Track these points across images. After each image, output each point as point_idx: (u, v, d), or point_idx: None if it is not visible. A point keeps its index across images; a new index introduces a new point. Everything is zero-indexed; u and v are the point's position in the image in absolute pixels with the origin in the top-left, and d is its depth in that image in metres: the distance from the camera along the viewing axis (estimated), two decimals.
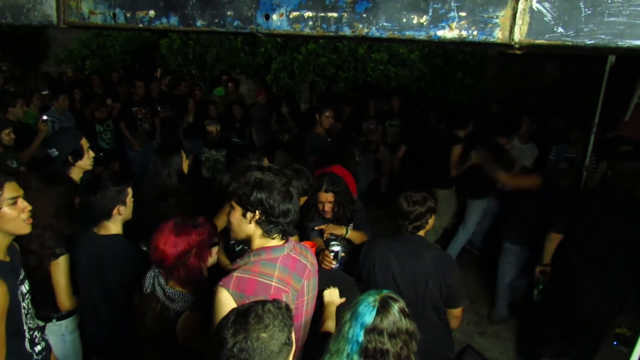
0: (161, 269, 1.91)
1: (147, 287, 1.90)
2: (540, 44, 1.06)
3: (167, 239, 1.87)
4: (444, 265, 2.58)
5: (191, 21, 1.59)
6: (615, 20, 0.98)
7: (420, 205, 2.63)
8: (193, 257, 1.91)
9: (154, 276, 1.91)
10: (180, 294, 1.90)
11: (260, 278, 1.72)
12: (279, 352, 1.30)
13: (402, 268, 2.59)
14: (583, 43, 1.01)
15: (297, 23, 1.37)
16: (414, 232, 2.65)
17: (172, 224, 1.91)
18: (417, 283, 2.56)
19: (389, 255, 2.64)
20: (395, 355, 1.52)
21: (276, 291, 1.72)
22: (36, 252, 2.35)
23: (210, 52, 8.04)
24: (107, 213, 2.34)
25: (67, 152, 2.92)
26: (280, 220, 1.74)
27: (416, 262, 2.58)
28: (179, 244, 1.87)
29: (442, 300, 2.59)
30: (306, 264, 1.91)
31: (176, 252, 1.86)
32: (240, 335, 1.26)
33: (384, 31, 1.23)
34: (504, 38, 1.08)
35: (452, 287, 2.56)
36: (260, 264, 1.76)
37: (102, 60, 10.17)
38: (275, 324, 1.31)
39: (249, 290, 1.68)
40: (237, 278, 1.71)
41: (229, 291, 1.67)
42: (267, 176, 1.73)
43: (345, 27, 1.29)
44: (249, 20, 1.47)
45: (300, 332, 1.94)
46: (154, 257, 1.88)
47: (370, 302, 1.59)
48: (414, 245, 2.65)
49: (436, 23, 1.15)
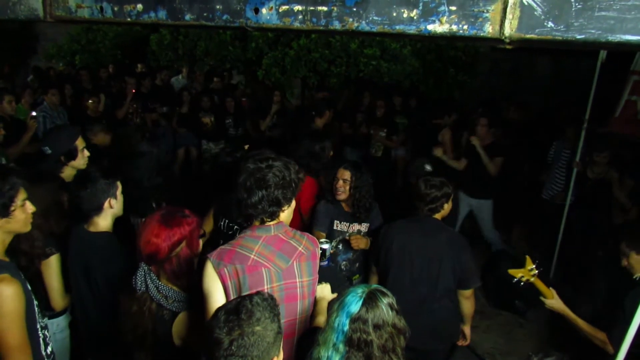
0: (154, 263, 1.89)
1: (140, 286, 1.88)
2: (531, 38, 1.05)
3: (159, 231, 1.85)
4: (459, 245, 2.73)
5: (180, 15, 1.57)
6: (605, 15, 0.98)
7: (437, 189, 2.77)
8: (185, 248, 1.91)
9: (144, 274, 1.88)
10: (174, 292, 1.89)
11: (239, 249, 1.86)
12: (274, 341, 1.34)
13: (418, 248, 2.72)
14: (573, 38, 1.00)
15: (286, 17, 1.36)
16: (429, 215, 2.79)
17: (159, 216, 1.90)
18: (432, 262, 2.68)
19: (405, 236, 2.78)
20: (379, 346, 1.52)
21: (254, 263, 1.84)
22: (26, 252, 2.32)
23: (199, 46, 7.96)
24: (99, 207, 2.32)
25: (60, 151, 2.88)
26: (250, 211, 1.88)
27: (431, 242, 2.72)
28: (172, 235, 1.86)
29: (454, 281, 2.71)
30: (297, 247, 1.95)
31: (170, 243, 1.85)
32: (236, 332, 1.28)
33: (374, 25, 1.22)
34: (494, 32, 1.07)
35: (465, 267, 2.68)
36: (243, 238, 1.90)
37: (91, 56, 10.04)
38: (266, 315, 1.35)
39: (227, 258, 1.83)
40: (220, 249, 1.88)
41: (210, 259, 1.83)
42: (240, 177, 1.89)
43: (335, 21, 1.28)
44: (238, 14, 1.45)
45: (296, 316, 1.99)
46: (147, 251, 1.86)
47: (358, 293, 1.60)
48: (430, 227, 2.79)
49: (426, 17, 1.15)
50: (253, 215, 1.90)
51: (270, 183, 1.85)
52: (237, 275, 1.81)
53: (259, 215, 1.89)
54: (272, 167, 1.87)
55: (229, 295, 1.81)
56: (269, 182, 1.85)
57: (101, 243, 2.31)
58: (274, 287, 1.87)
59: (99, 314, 2.34)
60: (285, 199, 1.90)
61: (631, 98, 4.35)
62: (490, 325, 4.43)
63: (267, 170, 1.86)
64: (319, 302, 2.18)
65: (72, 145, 2.89)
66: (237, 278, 1.81)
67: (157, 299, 1.86)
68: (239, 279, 1.81)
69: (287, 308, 1.93)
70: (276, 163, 1.90)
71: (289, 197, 1.93)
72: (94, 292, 2.32)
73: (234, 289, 1.82)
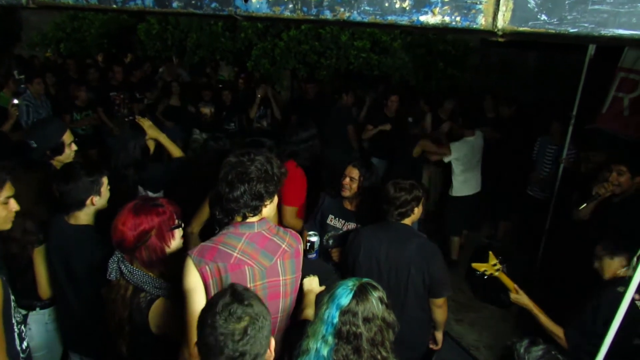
0: (123, 251, 1.88)
1: (111, 273, 1.87)
2: (524, 31, 1.04)
3: (127, 218, 1.84)
4: (428, 254, 2.59)
5: (167, 2, 1.53)
6: (598, 9, 0.97)
7: (407, 193, 2.63)
8: (154, 238, 1.88)
9: (117, 261, 1.87)
10: (149, 277, 1.88)
11: (222, 247, 1.83)
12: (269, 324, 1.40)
13: (387, 255, 2.60)
14: (566, 31, 0.99)
15: (276, 6, 1.32)
16: (398, 219, 2.65)
17: (132, 204, 1.88)
18: (400, 271, 2.57)
19: (374, 242, 2.65)
20: (368, 339, 1.53)
21: (237, 261, 1.81)
22: (18, 240, 2.30)
23: (191, 37, 7.85)
24: (80, 203, 2.29)
25: (46, 146, 2.79)
26: (232, 205, 1.85)
27: (400, 250, 2.58)
28: (138, 224, 1.83)
29: (424, 289, 2.60)
30: (280, 244, 1.93)
31: (136, 233, 1.83)
32: (245, 319, 1.32)
33: (366, 15, 1.20)
34: (487, 25, 1.06)
35: (435, 276, 2.57)
36: (226, 235, 1.87)
37: (77, 44, 9.85)
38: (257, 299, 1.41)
39: (208, 256, 1.79)
40: (202, 246, 1.84)
41: (191, 256, 1.79)
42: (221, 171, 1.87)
43: (327, 11, 1.25)
44: (227, 2, 1.41)
45: (278, 314, 1.96)
46: (114, 238, 1.85)
47: (349, 286, 1.59)
48: (399, 234, 2.65)
49: (419, 8, 1.13)
50: (235, 210, 1.86)
51: (253, 176, 1.83)
52: (219, 274, 1.78)
53: (240, 210, 1.86)
54: (255, 161, 1.85)
55: (210, 294, 1.78)
56: (251, 175, 1.82)
57: (81, 236, 2.28)
58: (257, 286, 1.85)
59: (78, 306, 2.32)
60: (267, 193, 1.88)
61: (618, 94, 4.38)
62: (475, 319, 4.48)
63: (249, 163, 1.84)
64: (307, 294, 2.18)
65: (59, 140, 2.81)
66: (219, 276, 1.78)
67: (135, 284, 1.84)
68: (221, 277, 1.78)
69: (269, 306, 1.90)
70: (258, 157, 1.87)
71: (272, 191, 1.90)
72: (74, 284, 2.29)
73: (215, 288, 1.79)
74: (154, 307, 1.82)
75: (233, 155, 1.90)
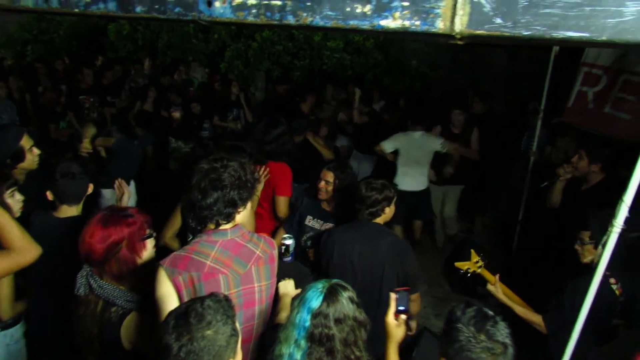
0: (91, 264, 1.82)
1: (79, 289, 1.81)
2: (481, 34, 1.07)
3: (95, 231, 1.78)
4: (401, 251, 2.63)
5: (130, 7, 1.51)
6: (550, 12, 1.00)
7: (378, 192, 2.66)
8: (124, 249, 1.82)
9: (86, 276, 1.82)
10: (120, 291, 1.82)
11: (194, 255, 1.79)
12: (226, 345, 1.30)
13: (360, 255, 2.62)
14: (520, 34, 1.02)
15: (240, 11, 1.33)
16: (369, 219, 2.68)
17: (100, 215, 1.83)
18: (374, 269, 2.60)
19: (347, 242, 2.66)
20: (341, 340, 1.54)
21: (210, 270, 1.78)
22: None
23: (162, 38, 7.74)
24: (81, 196, 2.50)
25: (5, 155, 2.70)
26: (205, 213, 1.82)
27: (373, 248, 2.61)
28: (107, 236, 1.78)
29: (398, 286, 2.62)
30: (254, 251, 1.92)
31: (105, 245, 1.77)
32: (185, 337, 1.24)
33: (328, 20, 1.21)
34: (445, 28, 1.08)
35: (409, 273, 2.61)
36: (199, 244, 1.83)
37: (45, 46, 9.57)
38: (218, 319, 1.30)
39: (181, 266, 1.75)
40: (174, 255, 1.80)
41: (163, 267, 1.75)
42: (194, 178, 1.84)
43: (289, 16, 1.26)
44: (190, 7, 1.41)
45: (254, 321, 1.95)
46: (82, 251, 1.79)
47: (319, 289, 1.60)
48: (372, 233, 2.67)
49: (379, 12, 1.14)
50: (208, 218, 1.83)
51: (226, 183, 1.80)
52: (192, 283, 1.75)
53: (214, 217, 1.83)
54: (228, 167, 1.83)
55: None
56: (225, 182, 1.80)
57: (73, 226, 2.24)
58: (232, 294, 1.82)
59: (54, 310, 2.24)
60: (241, 200, 1.85)
61: (582, 89, 4.51)
62: None
63: (222, 170, 1.81)
64: (282, 298, 2.18)
65: (17, 145, 2.71)
66: (192, 286, 1.75)
67: (105, 298, 1.79)
68: (195, 287, 1.75)
69: (245, 314, 1.90)
70: (231, 163, 1.85)
71: (245, 197, 1.88)
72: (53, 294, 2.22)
73: (188, 297, 1.75)
74: (126, 322, 1.77)
75: (206, 162, 1.86)
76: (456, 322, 1.52)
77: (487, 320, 1.50)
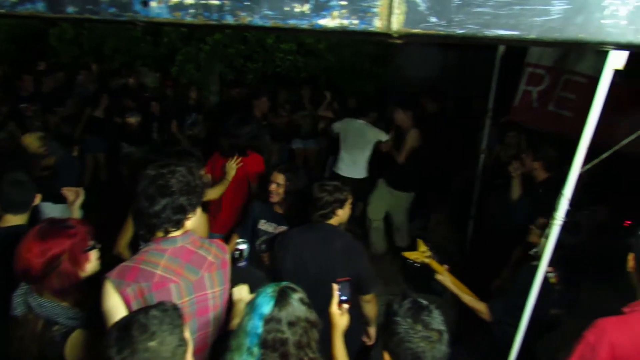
0: (30, 281, 1.71)
1: (16, 309, 1.70)
2: (417, 33, 1.08)
3: (32, 245, 1.69)
4: (353, 253, 2.64)
5: (60, 7, 1.43)
6: (482, 11, 1.02)
7: (329, 194, 2.66)
8: (66, 263, 1.74)
9: (24, 294, 1.71)
10: (62, 308, 1.73)
11: (143, 266, 1.73)
12: (172, 356, 1.26)
13: (313, 256, 2.61)
14: (454, 33, 1.04)
15: (177, 11, 1.29)
16: (321, 220, 2.68)
17: (37, 228, 1.74)
18: (327, 271, 2.58)
19: (300, 244, 2.65)
20: (295, 343, 1.53)
21: (161, 279, 1.73)
22: None
23: (108, 42, 7.45)
24: (27, 205, 2.43)
25: None
26: (153, 221, 1.77)
27: (326, 250, 2.61)
28: (46, 249, 1.69)
29: (352, 288, 2.63)
30: (206, 257, 1.87)
31: (44, 260, 1.68)
32: (126, 350, 1.19)
33: (268, 20, 1.19)
34: (382, 27, 1.09)
35: (362, 274, 2.61)
36: (147, 253, 1.78)
37: None
38: (164, 329, 1.26)
39: (129, 277, 1.69)
40: (121, 267, 1.74)
41: (110, 279, 1.69)
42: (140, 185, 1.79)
43: (228, 16, 1.23)
44: (125, 7, 1.35)
45: (208, 328, 1.91)
46: (17, 268, 1.68)
47: (269, 293, 1.58)
48: (325, 234, 2.67)
49: (318, 12, 1.14)
50: (156, 225, 1.77)
51: (174, 189, 1.75)
52: (142, 294, 1.68)
53: (162, 225, 1.77)
54: (175, 173, 1.77)
55: None
56: (173, 188, 1.75)
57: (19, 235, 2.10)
58: (184, 303, 1.77)
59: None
60: (190, 206, 1.81)
61: (527, 88, 4.70)
62: None
63: (169, 175, 1.76)
64: (236, 304, 2.13)
65: None
66: (142, 297, 1.68)
67: (45, 317, 1.69)
68: (145, 298, 1.68)
69: (199, 321, 1.85)
70: (179, 168, 1.79)
71: (194, 203, 1.83)
72: None
73: None
74: (70, 340, 1.69)
75: (152, 167, 1.80)
76: (394, 315, 1.57)
77: (422, 310, 1.57)
